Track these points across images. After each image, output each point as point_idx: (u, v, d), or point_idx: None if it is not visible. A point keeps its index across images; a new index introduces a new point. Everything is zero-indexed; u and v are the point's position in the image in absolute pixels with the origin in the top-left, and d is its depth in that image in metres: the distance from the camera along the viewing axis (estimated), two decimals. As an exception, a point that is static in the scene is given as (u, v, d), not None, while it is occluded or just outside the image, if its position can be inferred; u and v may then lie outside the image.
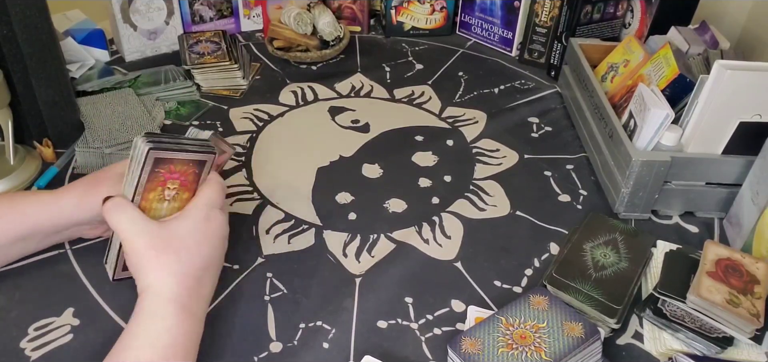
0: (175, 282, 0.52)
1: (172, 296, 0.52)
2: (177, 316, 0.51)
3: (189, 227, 0.55)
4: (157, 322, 0.50)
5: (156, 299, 0.51)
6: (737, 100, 0.70)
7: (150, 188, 0.57)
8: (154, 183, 0.57)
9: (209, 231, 0.56)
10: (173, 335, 0.50)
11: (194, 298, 0.53)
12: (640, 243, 0.69)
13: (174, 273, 0.52)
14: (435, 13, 1.17)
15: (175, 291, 0.52)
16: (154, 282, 0.52)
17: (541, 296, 0.59)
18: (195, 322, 0.53)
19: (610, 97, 0.86)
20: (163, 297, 0.51)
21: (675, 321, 0.61)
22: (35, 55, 0.74)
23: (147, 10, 1.02)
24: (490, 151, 0.88)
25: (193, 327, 0.53)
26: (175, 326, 0.51)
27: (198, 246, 0.55)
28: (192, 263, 0.54)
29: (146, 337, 0.50)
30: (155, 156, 0.56)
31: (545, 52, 1.08)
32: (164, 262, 0.53)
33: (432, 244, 0.72)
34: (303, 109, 0.96)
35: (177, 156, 0.56)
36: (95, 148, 0.81)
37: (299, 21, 1.06)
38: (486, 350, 0.54)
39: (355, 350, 0.59)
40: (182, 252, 0.53)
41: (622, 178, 0.74)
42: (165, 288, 0.52)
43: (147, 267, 0.53)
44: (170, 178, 0.57)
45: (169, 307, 0.51)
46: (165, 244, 0.53)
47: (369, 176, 0.82)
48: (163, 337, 0.50)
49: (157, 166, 0.56)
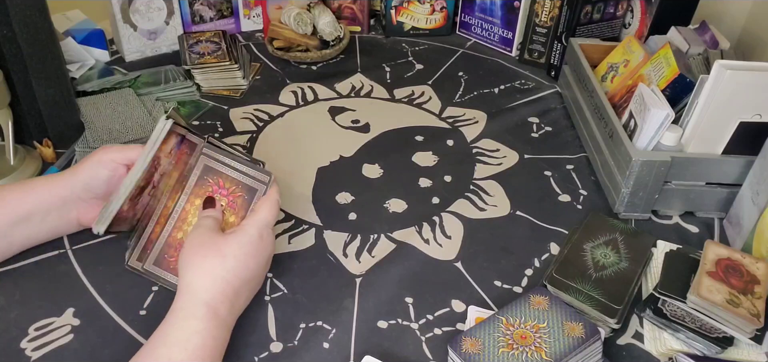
0: (213, 286, 0.53)
1: (208, 299, 0.53)
2: (209, 320, 0.52)
3: (242, 240, 0.56)
4: (189, 322, 0.51)
5: (192, 298, 0.52)
6: (737, 100, 0.70)
7: (197, 194, 0.59)
8: (201, 191, 0.59)
9: (260, 248, 0.57)
10: (203, 337, 0.51)
11: (228, 307, 0.54)
12: (640, 243, 0.70)
13: (215, 277, 0.54)
14: (435, 13, 1.17)
15: (211, 295, 0.53)
16: (192, 281, 0.53)
17: (542, 296, 0.59)
18: (224, 330, 0.54)
19: (610, 97, 0.86)
20: (199, 298, 0.52)
21: (675, 321, 0.61)
22: (35, 55, 0.74)
23: (147, 10, 1.02)
24: (490, 151, 0.88)
25: (221, 335, 0.53)
26: (205, 329, 0.51)
27: (246, 259, 0.56)
28: (236, 273, 0.55)
29: (177, 336, 0.51)
30: (204, 162, 0.57)
31: (545, 52, 1.08)
32: (208, 265, 0.54)
33: (432, 244, 0.72)
34: (303, 109, 0.96)
35: (227, 172, 0.58)
36: (95, 147, 0.81)
37: (299, 21, 1.06)
38: (486, 350, 0.54)
39: (355, 350, 0.59)
40: (229, 260, 0.55)
41: (622, 178, 0.74)
42: (202, 290, 0.53)
43: (191, 265, 0.54)
44: (220, 193, 0.59)
45: (202, 309, 0.52)
46: (215, 249, 0.55)
47: (369, 176, 0.82)
48: (193, 339, 0.50)
49: (205, 174, 0.58)
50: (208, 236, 0.56)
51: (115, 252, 0.68)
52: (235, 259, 0.55)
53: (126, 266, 0.61)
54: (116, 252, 0.68)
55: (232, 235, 0.57)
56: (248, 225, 0.58)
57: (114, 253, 0.68)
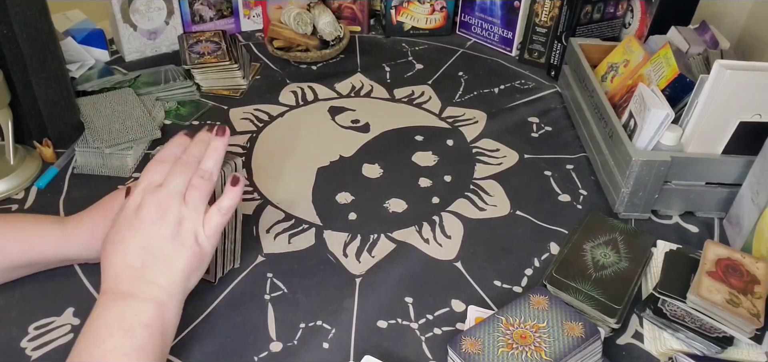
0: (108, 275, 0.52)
1: (105, 288, 0.51)
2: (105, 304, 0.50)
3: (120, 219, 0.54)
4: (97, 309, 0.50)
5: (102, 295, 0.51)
6: (737, 100, 0.70)
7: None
8: None
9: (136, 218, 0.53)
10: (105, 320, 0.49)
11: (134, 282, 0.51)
12: (640, 243, 0.70)
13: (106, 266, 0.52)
14: (435, 13, 1.17)
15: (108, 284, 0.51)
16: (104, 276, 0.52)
17: (542, 296, 0.59)
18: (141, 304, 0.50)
19: (610, 97, 0.86)
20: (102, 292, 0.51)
21: (675, 321, 0.61)
22: (35, 55, 0.74)
23: (147, 10, 1.02)
24: (490, 150, 0.88)
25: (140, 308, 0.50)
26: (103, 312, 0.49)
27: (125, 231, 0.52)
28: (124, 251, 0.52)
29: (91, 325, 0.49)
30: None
31: (545, 52, 1.08)
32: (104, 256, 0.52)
33: (432, 244, 0.72)
34: (303, 109, 0.96)
35: None
36: (95, 147, 0.81)
37: (299, 21, 1.06)
38: (486, 350, 0.54)
39: (355, 350, 0.59)
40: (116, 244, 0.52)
41: (622, 177, 0.74)
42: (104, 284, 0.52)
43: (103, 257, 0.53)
44: None
45: (102, 298, 0.50)
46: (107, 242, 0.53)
47: (369, 176, 0.82)
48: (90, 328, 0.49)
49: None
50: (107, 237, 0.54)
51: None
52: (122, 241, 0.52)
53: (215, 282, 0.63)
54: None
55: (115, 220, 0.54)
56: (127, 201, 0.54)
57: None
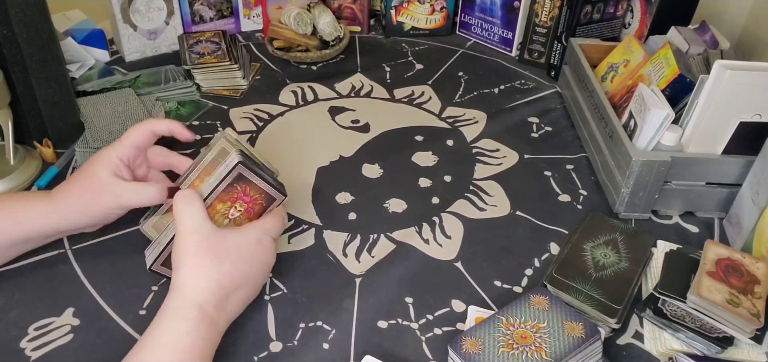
0: (206, 288, 0.53)
1: (200, 300, 0.52)
2: (199, 321, 0.51)
3: (240, 242, 0.56)
4: (179, 323, 0.51)
5: (183, 299, 0.52)
6: (737, 100, 0.70)
7: (222, 199, 0.59)
8: (226, 197, 0.59)
9: (257, 253, 0.57)
10: (193, 339, 0.50)
11: (219, 310, 0.54)
12: (640, 243, 0.69)
13: (209, 278, 0.53)
14: (435, 13, 1.17)
15: (204, 297, 0.52)
16: (186, 281, 0.53)
17: (542, 296, 0.59)
18: (214, 332, 0.53)
19: (610, 97, 0.86)
20: (191, 299, 0.52)
21: (675, 321, 0.61)
22: (35, 55, 0.74)
23: (147, 10, 1.02)
24: (490, 151, 0.88)
25: (211, 337, 0.53)
26: (195, 330, 0.51)
27: (241, 262, 0.55)
28: (230, 276, 0.54)
29: (167, 337, 0.50)
30: (240, 171, 0.57)
31: (545, 52, 1.08)
32: (204, 265, 0.53)
33: (432, 244, 0.72)
34: (303, 109, 0.96)
35: (256, 181, 0.58)
36: (95, 148, 0.81)
37: (299, 21, 1.06)
38: (486, 350, 0.54)
39: (355, 350, 0.59)
40: (225, 262, 0.54)
41: (622, 178, 0.74)
42: (194, 291, 0.52)
43: (187, 264, 0.53)
44: (241, 199, 0.59)
45: (193, 310, 0.51)
46: (213, 250, 0.54)
47: (369, 176, 0.82)
48: (183, 340, 0.50)
49: (237, 181, 0.58)
50: (203, 235, 0.55)
51: (115, 252, 0.68)
52: (231, 262, 0.54)
53: (149, 270, 0.61)
54: (116, 252, 0.68)
55: (230, 236, 0.56)
56: (248, 228, 0.58)
57: (114, 253, 0.68)
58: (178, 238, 0.55)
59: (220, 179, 0.57)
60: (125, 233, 0.70)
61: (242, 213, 0.60)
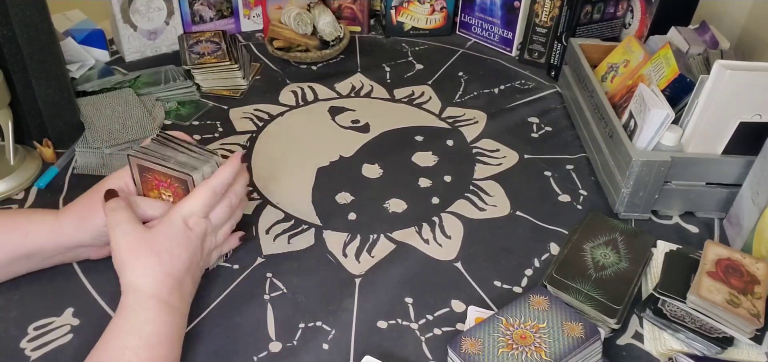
0: (155, 280, 0.55)
1: (153, 292, 0.54)
2: (159, 309, 0.54)
3: (169, 233, 0.57)
4: (139, 314, 0.53)
5: (137, 295, 0.54)
6: (737, 100, 0.70)
7: (147, 189, 0.63)
8: (148, 186, 0.63)
9: (189, 237, 0.58)
10: (156, 325, 0.53)
11: (175, 295, 0.56)
12: (640, 243, 0.69)
13: (154, 273, 0.55)
14: (435, 13, 1.17)
15: (155, 288, 0.54)
16: (134, 278, 0.55)
17: (542, 296, 0.59)
18: (177, 316, 0.55)
19: (610, 97, 0.86)
20: (144, 293, 0.54)
21: (675, 321, 0.61)
22: (35, 55, 0.74)
23: (147, 10, 1.02)
24: (490, 151, 0.88)
25: (175, 320, 0.55)
26: (157, 317, 0.53)
27: (179, 250, 0.57)
28: (172, 265, 0.56)
29: (131, 326, 0.52)
30: (137, 162, 0.61)
31: (545, 52, 1.08)
32: (144, 264, 0.55)
33: (432, 244, 0.72)
34: (303, 109, 0.96)
35: (156, 167, 0.61)
36: (95, 148, 0.81)
37: (299, 21, 1.06)
38: (486, 350, 0.54)
39: (355, 350, 0.59)
40: (163, 255, 0.56)
41: (622, 177, 0.74)
42: (145, 286, 0.54)
43: (128, 266, 0.55)
44: (161, 185, 0.62)
45: (150, 302, 0.54)
46: (147, 248, 0.56)
47: (369, 176, 0.82)
48: (146, 327, 0.52)
49: (143, 172, 0.62)
50: (133, 234, 0.56)
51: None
52: (169, 253, 0.56)
53: None
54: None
55: (159, 229, 0.57)
56: (172, 216, 0.58)
57: (114, 253, 0.68)
58: (112, 245, 0.56)
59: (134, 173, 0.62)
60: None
61: (173, 197, 0.62)
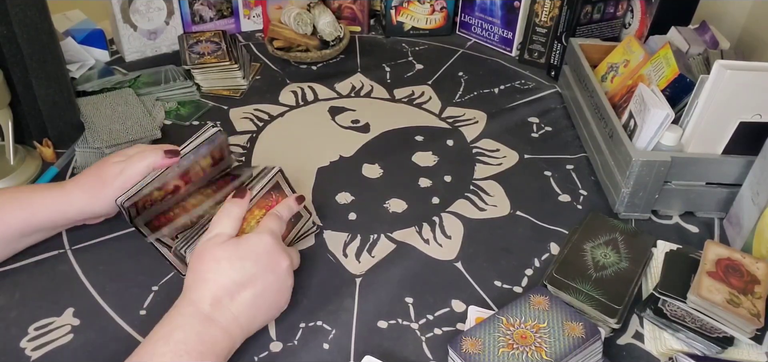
0: (203, 286, 0.54)
1: (195, 298, 0.54)
2: (193, 316, 0.53)
3: (239, 244, 0.57)
4: (174, 318, 0.53)
5: (182, 298, 0.54)
6: (737, 100, 0.70)
7: (259, 205, 0.62)
8: (263, 203, 0.63)
9: (260, 252, 0.57)
10: (185, 332, 0.52)
11: (218, 308, 0.54)
12: (640, 243, 0.69)
13: (206, 279, 0.55)
14: (435, 13, 1.17)
15: (199, 294, 0.54)
16: (187, 284, 0.55)
17: (542, 296, 0.59)
18: (216, 330, 0.53)
19: (610, 97, 0.86)
20: (187, 297, 0.54)
21: (675, 321, 0.61)
22: (35, 55, 0.74)
23: (147, 10, 1.02)
24: (490, 151, 0.88)
25: (211, 334, 0.53)
26: (188, 324, 0.52)
27: (241, 263, 0.56)
28: (228, 275, 0.55)
29: (165, 331, 0.52)
30: (278, 179, 0.64)
31: (545, 52, 1.08)
32: (202, 268, 0.55)
33: (432, 244, 0.72)
34: (303, 109, 0.96)
35: (288, 191, 0.64)
36: (95, 148, 0.81)
37: (299, 21, 1.06)
38: (486, 350, 0.54)
39: (356, 350, 0.59)
40: (222, 263, 0.55)
41: (622, 178, 0.74)
42: (191, 290, 0.54)
43: (191, 268, 0.56)
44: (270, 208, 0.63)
45: (187, 307, 0.53)
46: (210, 254, 0.56)
47: (369, 176, 0.82)
48: (175, 334, 0.51)
49: (273, 190, 0.63)
50: (211, 243, 0.57)
51: (115, 252, 0.68)
52: (229, 262, 0.55)
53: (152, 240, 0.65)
54: (116, 252, 0.68)
55: (231, 241, 0.57)
56: (251, 234, 0.58)
57: (114, 253, 0.68)
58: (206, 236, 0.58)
59: (263, 184, 0.62)
60: (125, 233, 0.70)
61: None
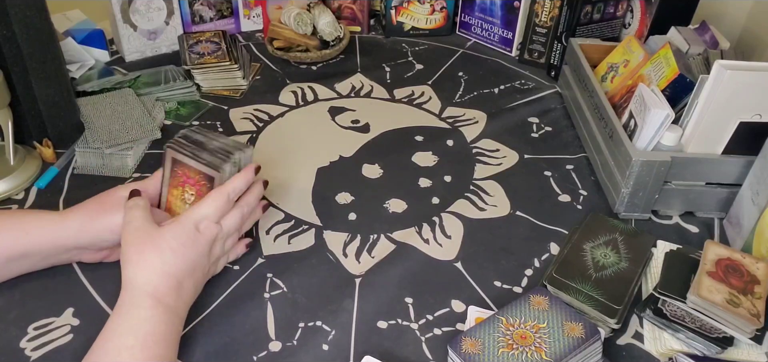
0: (154, 278, 0.55)
1: (151, 290, 0.54)
2: (155, 309, 0.53)
3: (177, 232, 0.57)
4: (136, 312, 0.53)
5: (135, 291, 0.54)
6: (737, 100, 0.70)
7: (173, 185, 0.63)
8: (175, 182, 0.62)
9: (197, 240, 0.58)
10: (152, 324, 0.53)
11: (173, 297, 0.55)
12: (640, 243, 0.69)
13: (155, 270, 0.55)
14: (435, 13, 1.17)
15: (154, 286, 0.54)
16: (133, 276, 0.55)
17: (542, 296, 0.59)
18: (174, 318, 0.55)
19: (610, 97, 0.86)
20: (142, 290, 0.54)
21: (675, 321, 0.61)
22: (35, 55, 0.74)
23: (147, 10, 1.02)
24: (490, 151, 0.88)
25: (171, 321, 0.55)
26: (153, 317, 0.53)
27: (183, 250, 0.57)
28: (174, 264, 0.56)
29: (127, 325, 0.52)
30: (172, 155, 0.61)
31: (545, 52, 1.08)
32: (147, 260, 0.55)
33: (432, 244, 0.72)
34: (303, 109, 0.96)
35: (188, 162, 0.61)
36: (95, 148, 0.81)
37: (299, 21, 1.06)
38: (486, 350, 0.54)
39: (355, 350, 0.59)
40: (166, 253, 0.56)
41: (622, 177, 0.74)
42: (143, 282, 0.54)
43: (131, 260, 0.55)
44: (188, 183, 0.62)
45: (147, 300, 0.54)
46: (152, 245, 0.56)
47: (369, 176, 0.82)
48: (143, 326, 0.52)
49: (175, 166, 0.61)
50: (143, 230, 0.57)
51: (114, 252, 0.68)
52: (173, 251, 0.56)
53: None
54: (116, 252, 0.68)
55: (168, 227, 0.57)
56: (184, 218, 0.58)
57: (114, 253, 0.68)
58: (122, 239, 0.57)
59: (164, 168, 0.62)
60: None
61: (195, 196, 0.62)
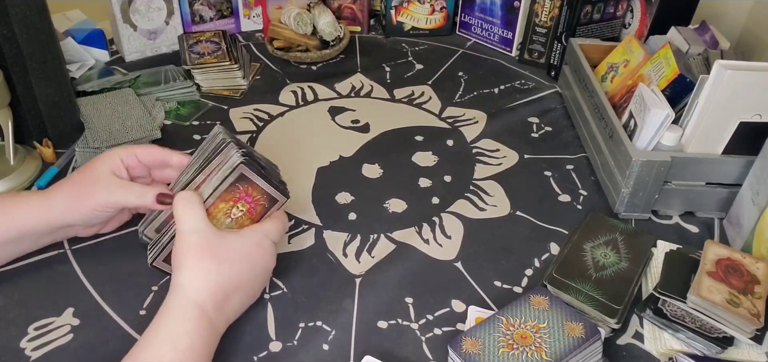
0: (205, 288, 0.53)
1: (199, 300, 0.53)
2: (198, 321, 0.52)
3: (239, 245, 0.56)
4: (179, 322, 0.52)
5: (183, 299, 0.53)
6: (737, 100, 0.70)
7: (224, 198, 0.59)
8: (229, 196, 0.59)
9: (256, 256, 0.57)
10: (191, 338, 0.51)
11: (218, 312, 0.54)
12: (640, 243, 0.69)
13: (207, 279, 0.54)
14: (435, 13, 1.17)
15: (202, 297, 0.53)
16: (186, 281, 0.53)
17: (542, 296, 0.59)
18: (213, 332, 0.54)
19: (610, 97, 0.86)
20: (191, 299, 0.53)
21: (675, 321, 0.61)
22: (35, 55, 0.74)
23: (147, 10, 1.02)
24: (490, 151, 0.88)
25: (210, 336, 0.53)
26: (194, 330, 0.52)
27: (240, 264, 0.56)
28: (228, 278, 0.55)
29: (168, 335, 0.51)
30: (243, 171, 0.58)
31: (545, 52, 1.08)
32: (203, 267, 0.54)
33: (432, 244, 0.72)
34: (303, 109, 0.96)
35: (259, 182, 0.59)
36: (95, 148, 0.81)
37: (299, 21, 1.06)
38: (486, 350, 0.54)
39: (355, 350, 0.59)
40: (223, 264, 0.55)
41: (622, 178, 0.74)
42: (194, 291, 0.53)
43: (187, 265, 0.54)
44: (243, 200, 0.59)
45: (193, 310, 0.52)
46: (212, 252, 0.55)
47: (369, 176, 0.82)
48: (183, 340, 0.51)
49: (239, 181, 0.58)
50: (204, 235, 0.55)
51: (114, 252, 0.68)
52: (229, 264, 0.55)
53: (151, 266, 0.61)
54: (116, 252, 0.68)
55: (230, 238, 0.56)
56: (248, 231, 0.58)
57: (114, 253, 0.68)
58: (178, 239, 0.56)
59: (222, 179, 0.58)
60: (125, 233, 0.70)
61: (244, 213, 0.60)
